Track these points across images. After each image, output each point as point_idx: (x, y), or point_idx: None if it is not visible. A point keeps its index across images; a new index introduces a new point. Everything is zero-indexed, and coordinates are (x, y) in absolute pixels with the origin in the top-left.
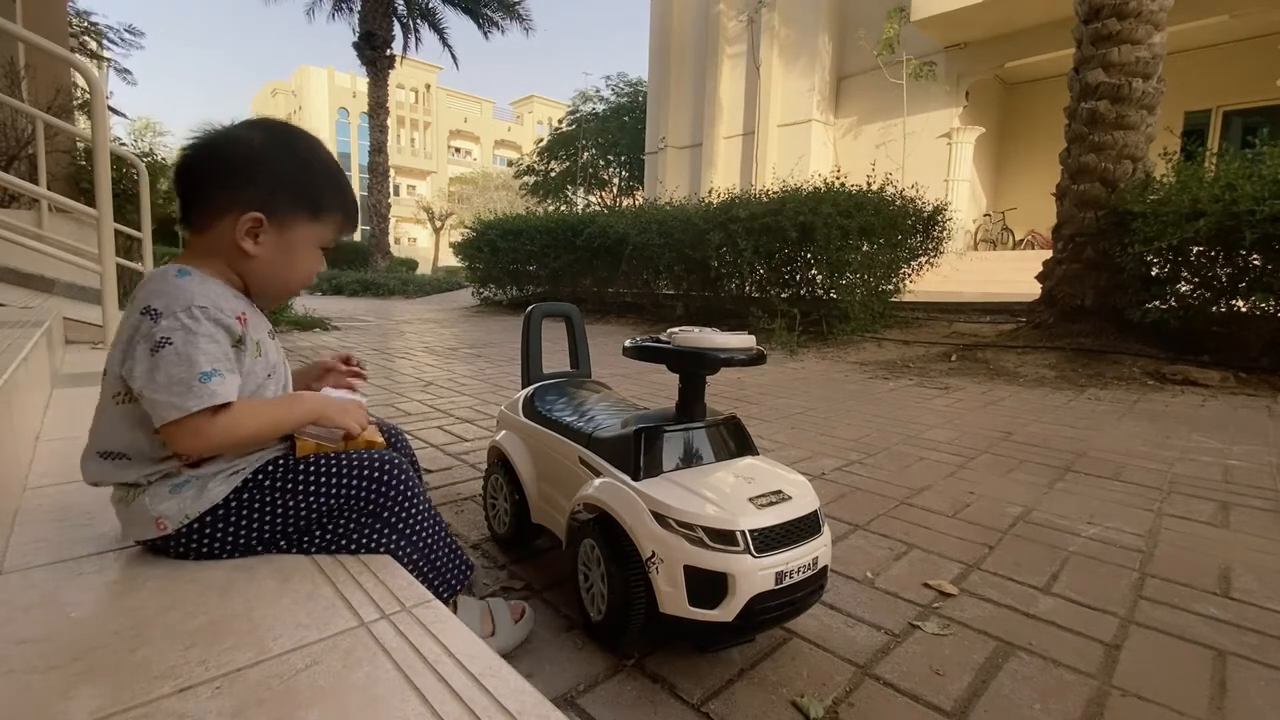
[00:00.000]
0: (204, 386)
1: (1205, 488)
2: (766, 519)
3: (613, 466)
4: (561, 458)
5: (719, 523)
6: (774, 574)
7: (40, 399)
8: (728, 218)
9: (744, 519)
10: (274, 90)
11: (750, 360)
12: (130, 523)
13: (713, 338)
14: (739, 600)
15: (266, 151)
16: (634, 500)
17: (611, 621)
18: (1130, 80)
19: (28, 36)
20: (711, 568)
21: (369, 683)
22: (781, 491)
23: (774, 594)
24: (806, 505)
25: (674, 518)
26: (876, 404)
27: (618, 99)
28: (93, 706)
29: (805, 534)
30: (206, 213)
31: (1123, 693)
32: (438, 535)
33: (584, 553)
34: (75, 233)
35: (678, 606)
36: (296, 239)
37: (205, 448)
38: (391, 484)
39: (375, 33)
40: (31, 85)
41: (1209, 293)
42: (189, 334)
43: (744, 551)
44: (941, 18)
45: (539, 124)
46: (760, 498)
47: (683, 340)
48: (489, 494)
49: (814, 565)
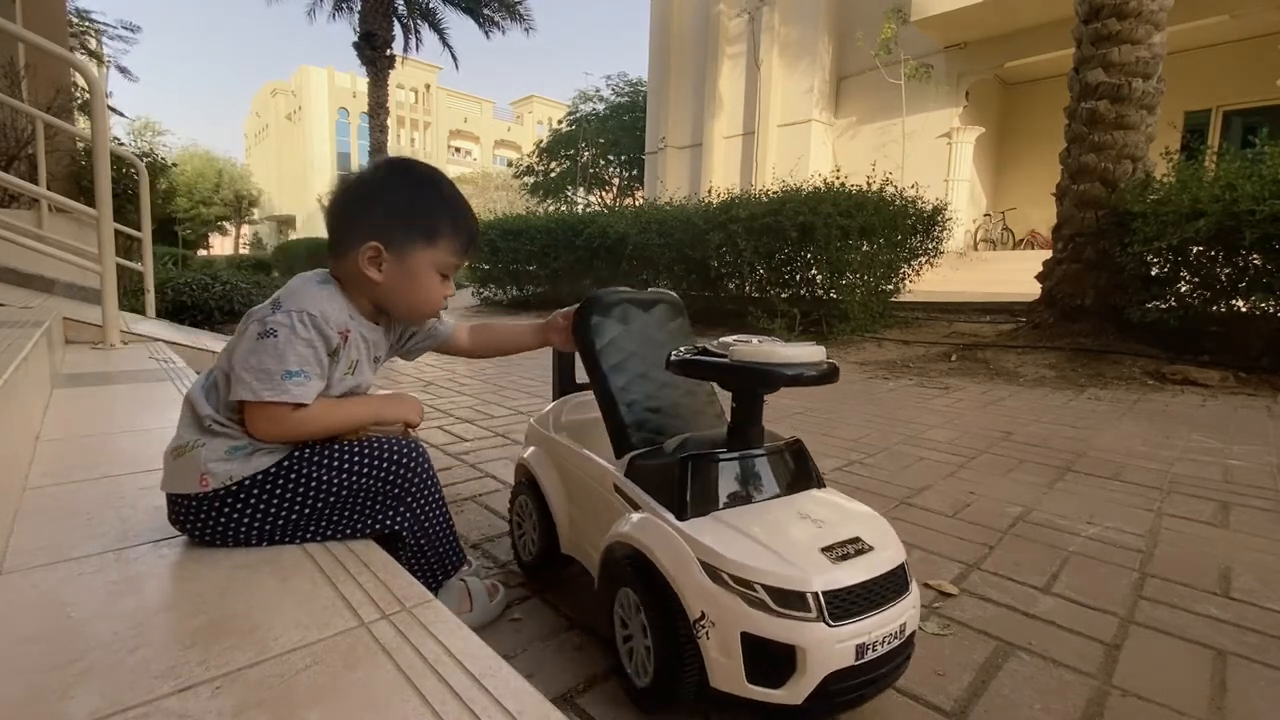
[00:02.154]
0: (283, 383)
1: (1205, 488)
2: (844, 576)
3: (654, 500)
4: (594, 482)
5: (786, 581)
6: (853, 646)
7: (40, 399)
8: (728, 218)
9: (817, 577)
10: (274, 90)
11: (821, 377)
12: (175, 474)
13: (778, 350)
14: (810, 679)
15: (383, 185)
16: (680, 546)
17: (657, 687)
18: (1130, 80)
19: (28, 36)
20: (776, 637)
21: (369, 683)
22: (860, 539)
23: (853, 671)
24: (891, 557)
25: (729, 571)
26: (876, 404)
27: (618, 99)
28: (93, 706)
29: (891, 594)
30: (340, 245)
31: (1123, 693)
32: (444, 524)
33: (621, 601)
34: (75, 233)
35: (733, 682)
36: (415, 265)
37: (275, 435)
38: (416, 468)
39: (375, 33)
40: (31, 85)
41: (1209, 293)
42: (292, 334)
43: (816, 618)
44: (941, 18)
45: (539, 124)
46: (835, 548)
47: (743, 354)
48: (515, 517)
49: (901, 633)
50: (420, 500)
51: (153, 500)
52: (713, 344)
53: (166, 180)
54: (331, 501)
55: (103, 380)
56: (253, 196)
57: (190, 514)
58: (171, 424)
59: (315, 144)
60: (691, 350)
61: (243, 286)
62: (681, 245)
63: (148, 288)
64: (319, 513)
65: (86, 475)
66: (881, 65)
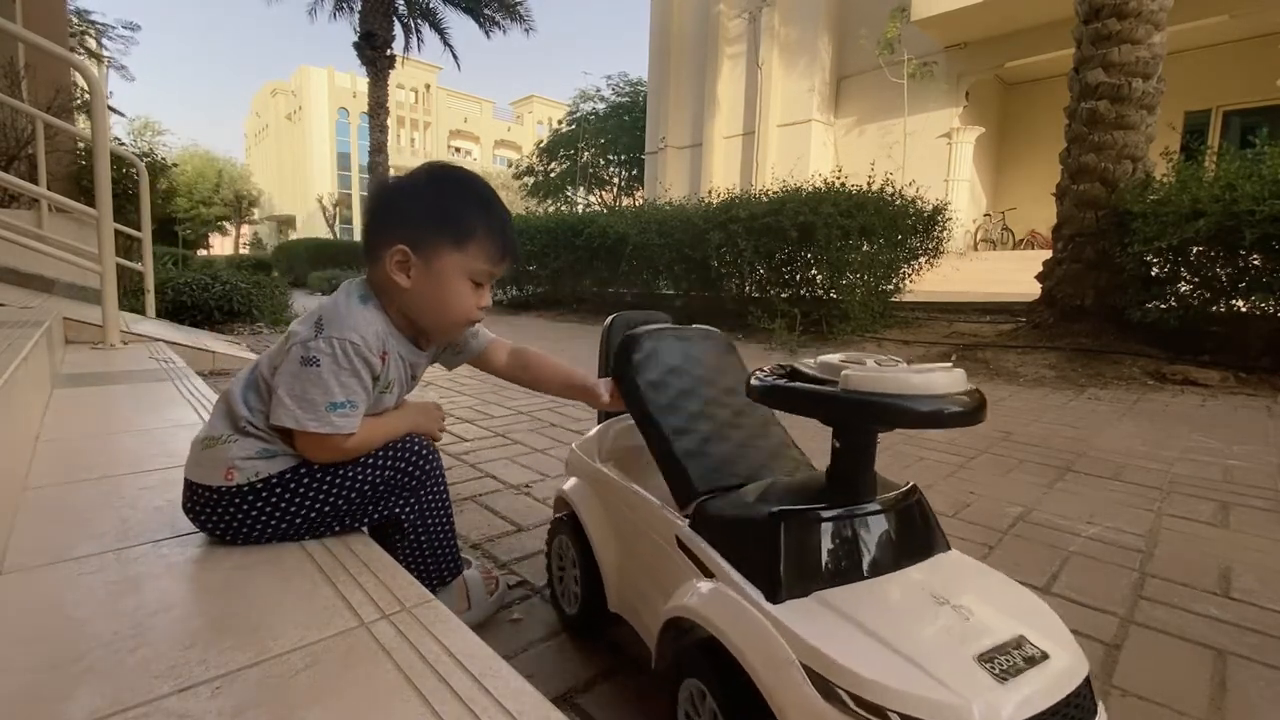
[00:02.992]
0: (328, 415)
1: (1205, 488)
2: (1015, 703)
3: (732, 568)
4: (651, 530)
5: (940, 712)
6: None
7: (40, 399)
8: (728, 218)
9: (979, 701)
10: (274, 90)
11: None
12: (201, 464)
13: (908, 379)
14: None
15: (414, 188)
16: (774, 641)
17: None
18: (1130, 80)
19: (28, 36)
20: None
21: (369, 683)
22: (1025, 640)
23: None
24: (1074, 667)
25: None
26: None
27: (618, 99)
28: (93, 706)
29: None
30: (370, 252)
31: (1123, 693)
32: (447, 524)
33: (688, 693)
34: (75, 233)
35: None
36: (443, 270)
37: (323, 458)
38: (427, 464)
39: (376, 33)
40: (31, 85)
41: (1209, 293)
42: (336, 365)
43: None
44: (942, 18)
45: (539, 124)
46: (996, 656)
47: (859, 382)
48: (554, 559)
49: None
50: (429, 495)
51: (153, 500)
52: (808, 364)
53: (166, 180)
54: (352, 497)
55: (103, 380)
56: (253, 196)
57: (209, 505)
58: (171, 424)
59: (315, 144)
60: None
61: (242, 287)
62: (681, 245)
63: (148, 288)
64: (337, 507)
65: (86, 475)
66: (884, 65)
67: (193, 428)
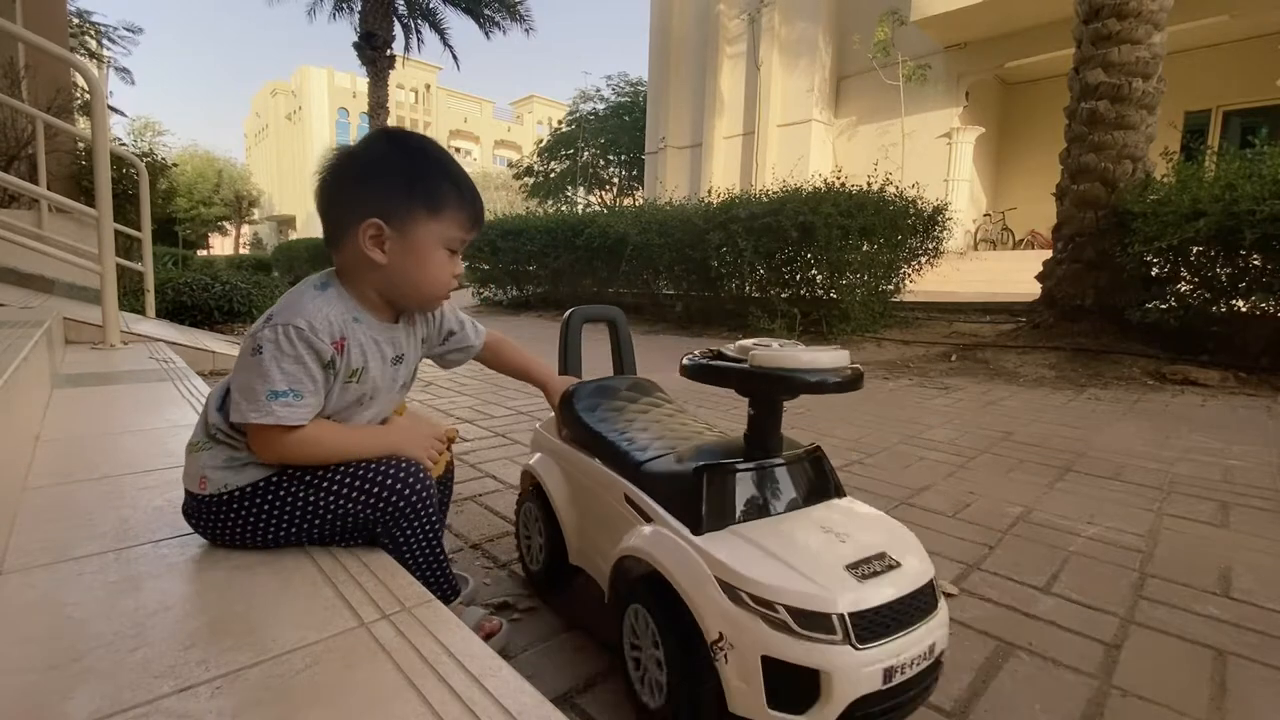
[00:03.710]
0: (268, 404)
1: (1205, 488)
2: (871, 596)
3: (667, 512)
4: (604, 492)
5: (810, 601)
6: (881, 670)
7: (40, 399)
8: (728, 218)
9: (842, 596)
10: (274, 90)
11: (845, 384)
12: (187, 469)
13: (799, 355)
14: (836, 705)
15: (376, 157)
16: (696, 562)
17: (671, 711)
18: (1130, 80)
19: (28, 36)
20: (799, 661)
21: (369, 683)
22: (886, 555)
23: (881, 696)
24: (920, 573)
25: (749, 591)
26: (876, 404)
27: (618, 99)
28: (93, 706)
29: (919, 613)
30: (336, 232)
31: (1123, 693)
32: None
33: (631, 619)
34: (75, 233)
35: (752, 708)
36: (419, 240)
37: (272, 457)
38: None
39: (376, 33)
40: (31, 85)
41: (1209, 293)
42: (278, 351)
43: (843, 641)
44: (941, 18)
45: (539, 124)
46: (861, 565)
47: (763, 359)
48: (522, 525)
49: (930, 654)
50: (406, 535)
51: (152, 500)
52: (729, 348)
53: (166, 180)
54: (317, 523)
55: (103, 380)
56: (253, 197)
57: (195, 512)
58: (171, 424)
59: (315, 144)
60: (706, 355)
61: (242, 287)
62: (681, 245)
63: (148, 288)
64: (304, 531)
65: (86, 475)
66: (879, 67)
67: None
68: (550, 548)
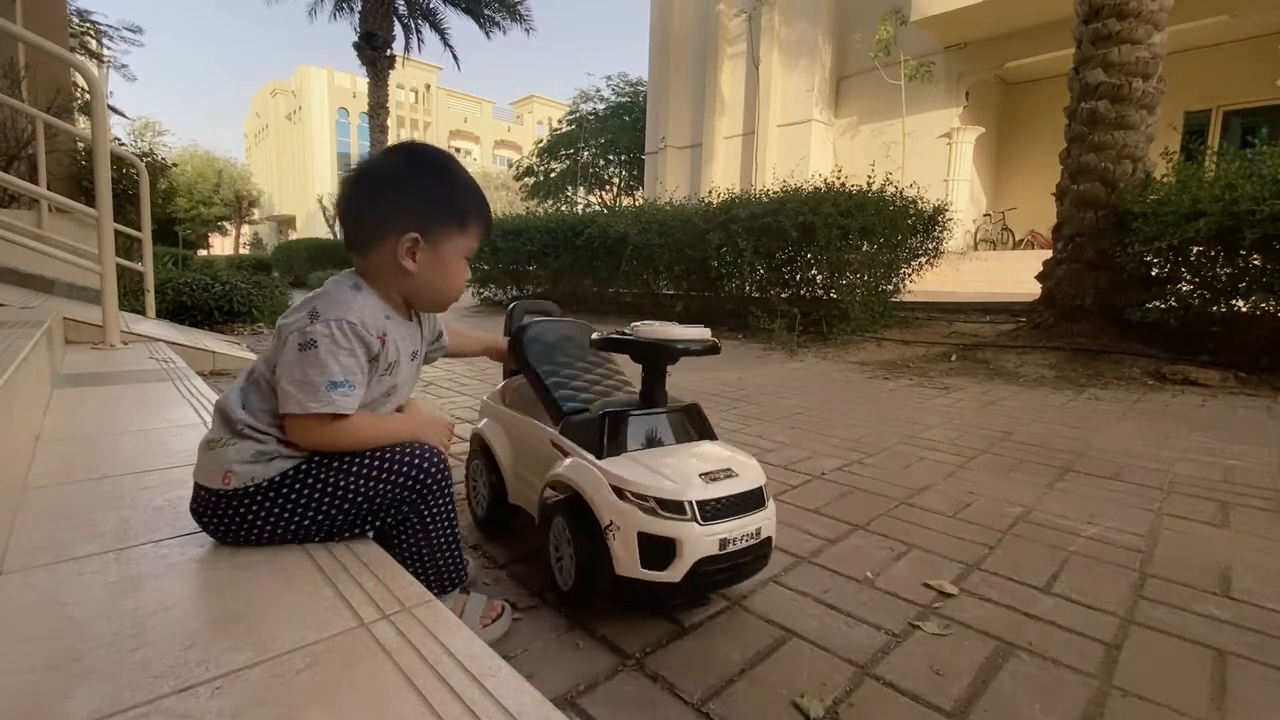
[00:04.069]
0: (328, 394)
1: (1205, 488)
2: (713, 492)
3: (581, 448)
4: (536, 442)
5: (670, 493)
6: (718, 540)
7: (40, 399)
8: (728, 218)
9: (692, 491)
10: (274, 90)
11: (705, 350)
12: (205, 465)
13: (671, 330)
14: (685, 563)
15: (411, 175)
16: (597, 475)
17: (578, 588)
18: (1130, 80)
19: (28, 36)
20: (661, 534)
21: (369, 683)
22: (730, 469)
23: (718, 559)
24: (751, 480)
25: (630, 490)
26: (876, 404)
27: (618, 99)
28: (93, 706)
29: (749, 507)
30: (368, 239)
31: (1123, 693)
32: (451, 537)
33: (555, 530)
34: (75, 233)
35: (631, 569)
36: (448, 252)
37: (315, 444)
38: (430, 481)
39: (376, 33)
40: (31, 85)
41: (1209, 293)
42: (334, 344)
43: (691, 520)
44: (941, 18)
45: (539, 124)
46: (709, 474)
47: (645, 333)
48: (470, 479)
49: (757, 535)
50: (433, 508)
51: (153, 500)
52: (627, 329)
53: (166, 180)
54: (346, 508)
55: (103, 380)
56: (253, 197)
57: (211, 508)
58: (171, 424)
59: (315, 144)
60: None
61: (242, 287)
62: (682, 245)
63: (148, 288)
64: (331, 518)
65: (86, 475)
66: (880, 66)
67: (193, 428)
68: (493, 494)
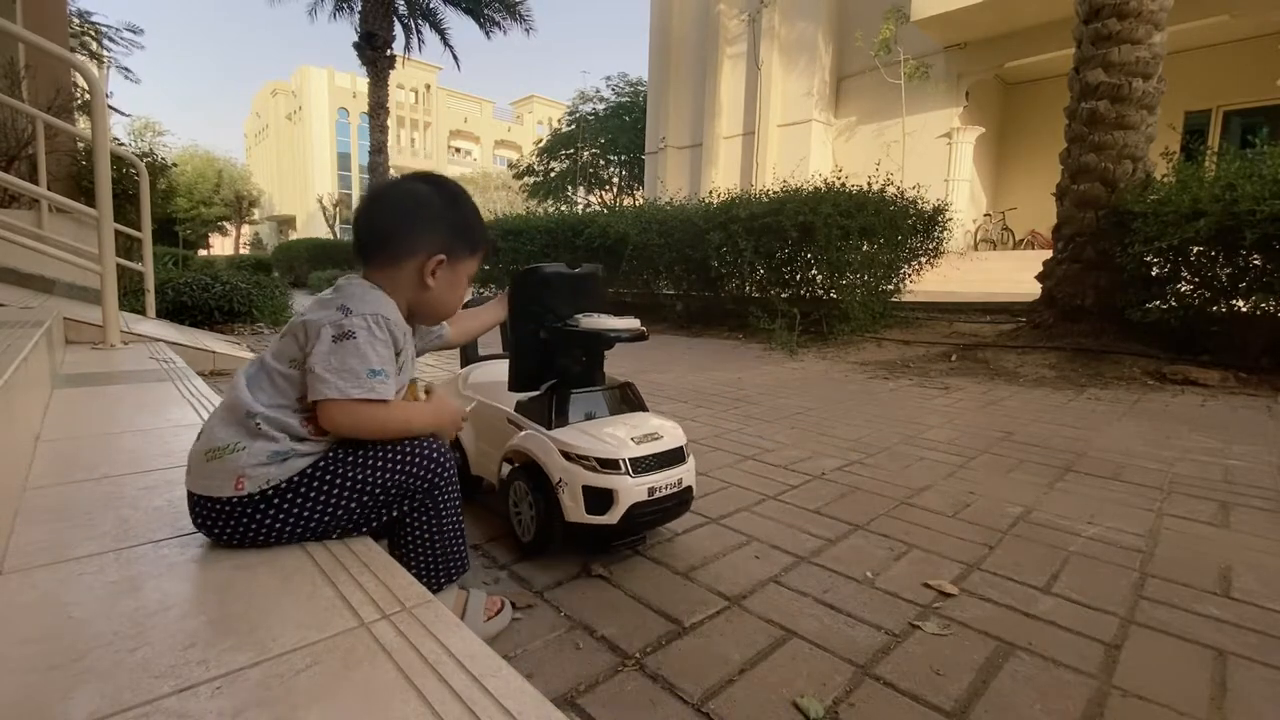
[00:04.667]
0: (370, 381)
1: (1205, 488)
2: (642, 450)
3: (533, 422)
4: (494, 419)
5: (607, 453)
6: (646, 489)
7: (40, 399)
8: (728, 218)
9: (624, 451)
10: (274, 90)
11: (634, 337)
12: (208, 476)
13: (606, 321)
14: (621, 508)
15: (441, 203)
16: (547, 443)
17: (537, 537)
18: (1130, 80)
19: (28, 36)
20: (601, 486)
21: (369, 683)
22: (657, 434)
23: (647, 504)
24: (674, 441)
25: (575, 452)
26: (876, 404)
27: (618, 99)
28: (93, 706)
29: (672, 462)
30: (396, 253)
31: (1123, 693)
32: (458, 525)
33: (514, 492)
34: (75, 233)
35: (578, 516)
36: (460, 273)
37: (350, 428)
38: (440, 470)
39: (376, 33)
40: (31, 85)
41: (1209, 293)
42: (372, 336)
43: (624, 474)
44: (941, 18)
45: (539, 124)
46: (639, 438)
47: (586, 324)
48: None
49: (679, 484)
50: (443, 500)
51: (153, 500)
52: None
53: (166, 180)
54: (365, 499)
55: (103, 380)
56: (253, 197)
57: (219, 516)
58: (172, 424)
59: (315, 144)
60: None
61: (243, 287)
62: (682, 245)
63: (148, 288)
64: (350, 510)
65: (86, 475)
66: (881, 66)
67: (193, 428)
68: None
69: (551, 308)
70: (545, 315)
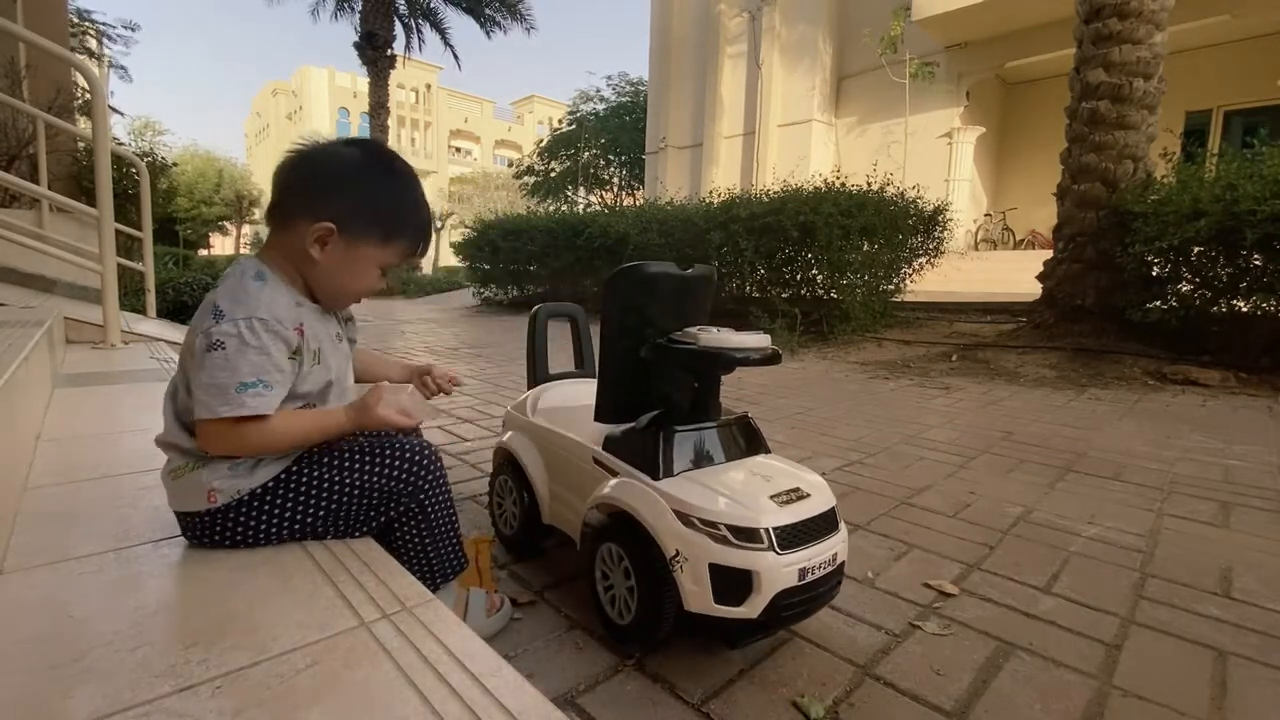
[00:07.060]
0: (238, 396)
1: (1206, 488)
2: (788, 516)
3: (630, 466)
4: (574, 457)
5: (743, 520)
6: (797, 570)
7: (40, 399)
8: (728, 217)
9: (766, 516)
10: (274, 90)
11: (765, 360)
12: (180, 494)
13: (729, 337)
14: (764, 596)
15: (357, 171)
16: (656, 500)
17: (642, 622)
18: (1131, 80)
19: (28, 36)
20: (736, 565)
21: (369, 683)
22: (799, 489)
23: (797, 590)
24: (824, 502)
25: (697, 516)
26: (877, 404)
27: (618, 99)
28: (93, 706)
29: (825, 530)
30: (288, 213)
31: (1123, 693)
32: (451, 525)
33: (602, 555)
34: (76, 233)
35: (703, 604)
36: (360, 256)
37: (226, 449)
38: (422, 471)
39: (377, 33)
40: (32, 85)
41: (1210, 293)
42: (242, 344)
43: (768, 549)
44: (942, 17)
45: (539, 124)
46: (780, 496)
47: (707, 342)
48: (495, 495)
49: (833, 561)
50: (431, 502)
51: (153, 500)
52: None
53: (167, 180)
54: (344, 501)
55: (103, 380)
56: (253, 196)
57: (203, 528)
58: None
59: None
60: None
61: None
62: (682, 245)
63: (148, 287)
64: (332, 513)
65: (86, 475)
66: (886, 64)
67: None
68: (525, 512)
69: (653, 319)
70: (645, 329)
